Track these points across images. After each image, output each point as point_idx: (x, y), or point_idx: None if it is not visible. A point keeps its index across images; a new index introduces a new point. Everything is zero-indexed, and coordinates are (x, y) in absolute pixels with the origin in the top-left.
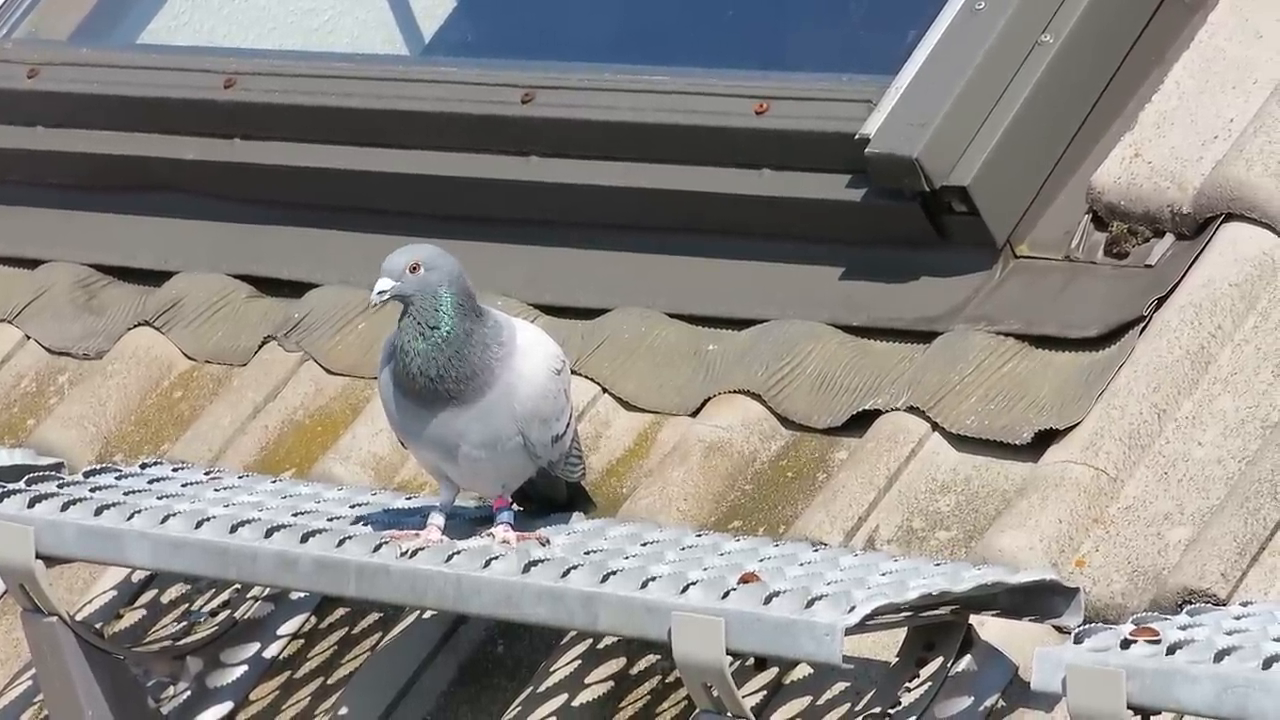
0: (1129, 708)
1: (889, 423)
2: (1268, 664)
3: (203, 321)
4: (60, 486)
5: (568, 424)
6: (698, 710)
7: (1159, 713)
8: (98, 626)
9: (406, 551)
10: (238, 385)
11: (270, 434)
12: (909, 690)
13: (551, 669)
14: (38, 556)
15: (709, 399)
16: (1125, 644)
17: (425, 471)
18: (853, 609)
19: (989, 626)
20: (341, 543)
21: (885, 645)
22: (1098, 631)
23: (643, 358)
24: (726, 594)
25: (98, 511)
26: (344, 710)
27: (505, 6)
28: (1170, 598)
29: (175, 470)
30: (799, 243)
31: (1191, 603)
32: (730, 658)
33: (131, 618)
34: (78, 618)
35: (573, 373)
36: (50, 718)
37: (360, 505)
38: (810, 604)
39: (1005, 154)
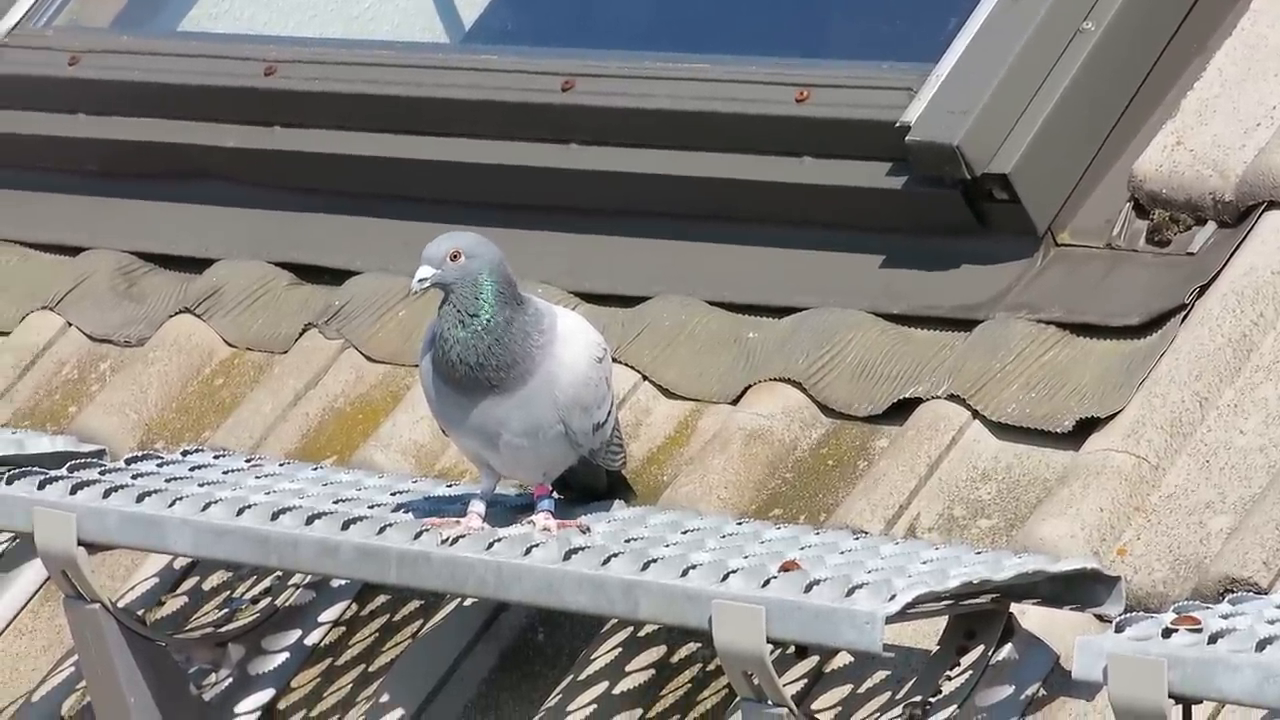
0: (1170, 697)
1: (930, 411)
2: None
3: (243, 309)
4: (102, 473)
5: (609, 412)
6: (738, 698)
7: (1200, 702)
8: (139, 613)
9: (447, 539)
10: (279, 373)
11: (311, 421)
12: (950, 679)
13: (592, 657)
14: (80, 543)
15: (749, 387)
16: (1167, 633)
17: (466, 459)
18: (893, 597)
19: (1030, 615)
20: (382, 530)
21: (926, 634)
22: (1139, 620)
23: (683, 345)
24: (767, 582)
25: (139, 498)
26: (385, 697)
27: None
28: (1212, 586)
29: (216, 457)
30: (839, 230)
31: (1233, 591)
32: (771, 646)
33: (173, 605)
34: (120, 605)
35: (613, 361)
36: (93, 704)
37: (401, 493)
38: (851, 592)
39: (1046, 141)
